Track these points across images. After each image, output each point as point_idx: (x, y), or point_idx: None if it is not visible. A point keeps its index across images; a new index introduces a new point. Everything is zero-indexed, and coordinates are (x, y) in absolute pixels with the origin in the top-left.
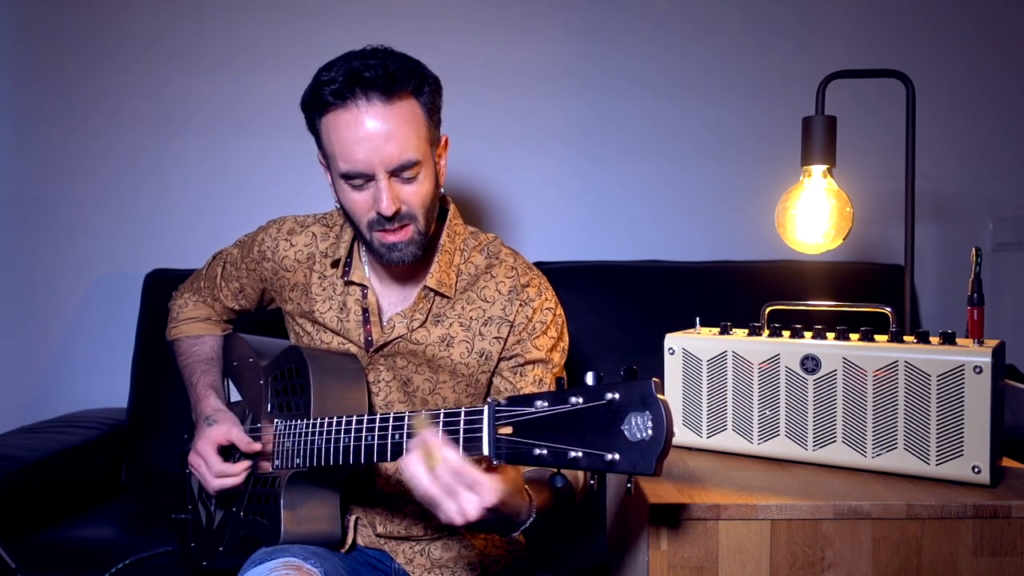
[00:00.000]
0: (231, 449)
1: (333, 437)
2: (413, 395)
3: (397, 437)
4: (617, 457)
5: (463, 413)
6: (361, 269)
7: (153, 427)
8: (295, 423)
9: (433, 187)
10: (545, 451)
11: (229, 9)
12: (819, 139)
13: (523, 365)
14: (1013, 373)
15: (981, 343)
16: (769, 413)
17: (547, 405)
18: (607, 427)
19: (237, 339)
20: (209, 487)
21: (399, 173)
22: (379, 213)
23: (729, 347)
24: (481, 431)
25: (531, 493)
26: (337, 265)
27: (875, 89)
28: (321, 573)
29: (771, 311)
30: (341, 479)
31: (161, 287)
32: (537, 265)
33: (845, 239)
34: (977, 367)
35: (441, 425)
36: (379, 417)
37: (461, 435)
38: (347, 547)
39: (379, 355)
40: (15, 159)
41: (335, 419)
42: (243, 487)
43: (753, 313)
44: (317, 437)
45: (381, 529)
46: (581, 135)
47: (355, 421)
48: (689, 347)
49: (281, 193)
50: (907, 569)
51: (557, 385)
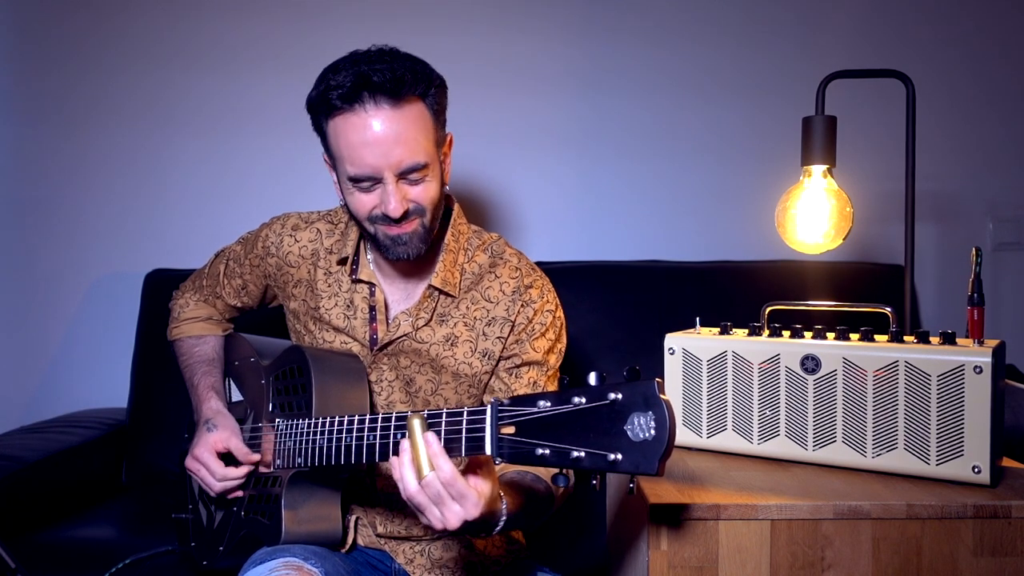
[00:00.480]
0: (230, 454)
1: (334, 437)
2: (415, 395)
3: (398, 437)
4: (619, 457)
5: (466, 412)
6: (368, 267)
7: (153, 427)
8: (297, 423)
9: (440, 186)
10: (548, 451)
11: (229, 9)
12: (819, 139)
13: (519, 367)
14: (1013, 373)
15: (981, 343)
16: (769, 413)
17: (550, 405)
18: (610, 427)
19: (238, 339)
20: (211, 491)
21: (407, 175)
22: (386, 215)
23: (729, 347)
24: (484, 431)
25: (505, 497)
26: (344, 263)
27: (875, 89)
28: (321, 573)
29: (771, 311)
30: (342, 479)
31: (161, 287)
32: (538, 265)
33: (845, 239)
34: (977, 367)
35: (444, 425)
36: (380, 417)
37: (464, 434)
38: (347, 547)
39: (383, 354)
40: (15, 159)
41: (336, 419)
42: (244, 487)
43: (753, 313)
44: (318, 437)
45: (381, 529)
46: (581, 135)
47: (356, 421)
48: (689, 347)
49: (281, 193)
50: (907, 569)
51: (560, 385)
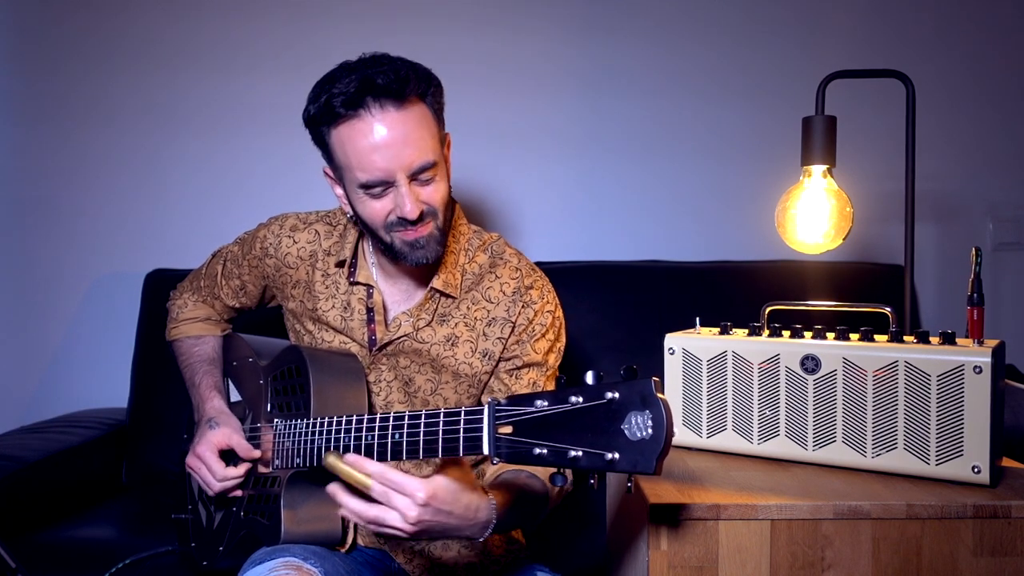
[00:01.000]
0: (231, 452)
1: (333, 437)
2: (414, 396)
3: (397, 437)
4: (617, 456)
5: (463, 412)
6: (367, 269)
7: (153, 427)
8: (295, 423)
9: (448, 186)
10: (545, 450)
11: (229, 9)
12: (819, 139)
13: (519, 368)
14: (1013, 373)
15: (981, 343)
16: (769, 413)
17: (547, 404)
18: (607, 426)
19: (237, 339)
20: (211, 489)
21: (418, 176)
22: (402, 217)
23: (729, 347)
24: (481, 430)
25: (491, 492)
26: (342, 265)
27: (875, 89)
28: (321, 573)
29: (771, 311)
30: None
31: (161, 287)
32: (537, 265)
33: (845, 239)
34: (977, 367)
35: (441, 424)
36: (379, 417)
37: (461, 434)
38: (347, 547)
39: (382, 354)
40: (15, 159)
41: (335, 419)
42: (243, 487)
43: (753, 313)
44: (317, 437)
45: None
46: (581, 135)
47: (355, 421)
48: (689, 347)
49: (281, 193)
50: (907, 569)
51: (557, 384)
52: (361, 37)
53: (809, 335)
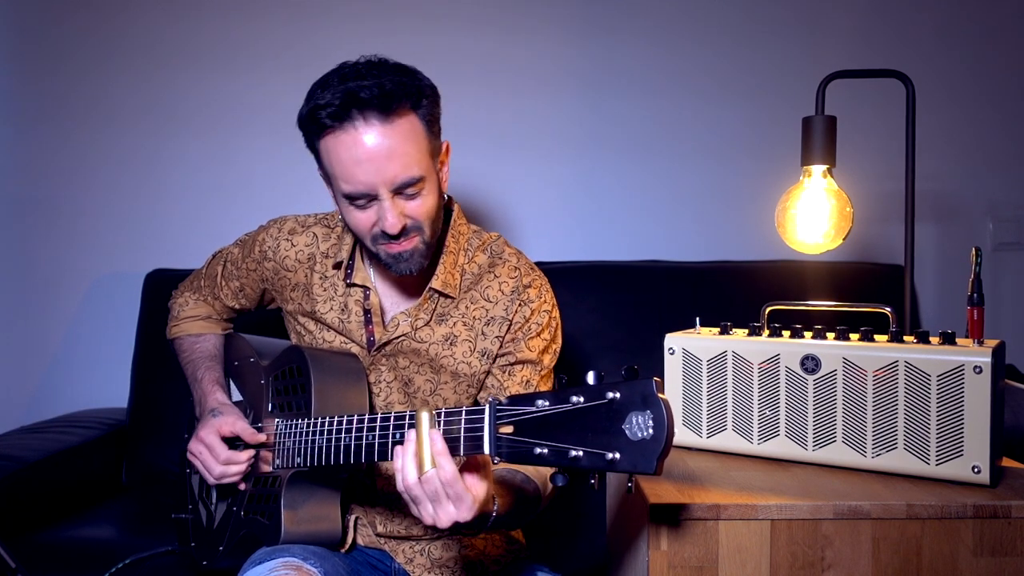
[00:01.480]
0: (234, 442)
1: (334, 437)
2: (414, 396)
3: (398, 437)
4: (618, 456)
5: (464, 412)
6: (364, 271)
7: (153, 427)
8: (296, 423)
9: (437, 199)
10: (546, 450)
11: (229, 9)
12: (819, 139)
13: (513, 364)
14: (1013, 373)
15: (981, 343)
16: (769, 413)
17: (548, 404)
18: (608, 426)
19: (238, 339)
20: (211, 475)
21: (402, 190)
22: (384, 231)
23: (729, 347)
24: (482, 430)
25: (497, 499)
26: (340, 267)
27: (875, 89)
28: (321, 573)
29: (771, 311)
30: (342, 479)
31: (161, 287)
32: (537, 265)
33: (845, 239)
34: (977, 367)
35: (442, 425)
36: (380, 417)
37: (462, 434)
38: (347, 547)
39: (381, 354)
40: (15, 159)
41: (336, 419)
42: (245, 479)
43: (753, 313)
44: (318, 437)
45: (381, 529)
46: (581, 135)
47: (356, 421)
48: (689, 347)
49: (281, 193)
50: (907, 569)
51: (559, 384)
52: (361, 37)
53: (809, 335)
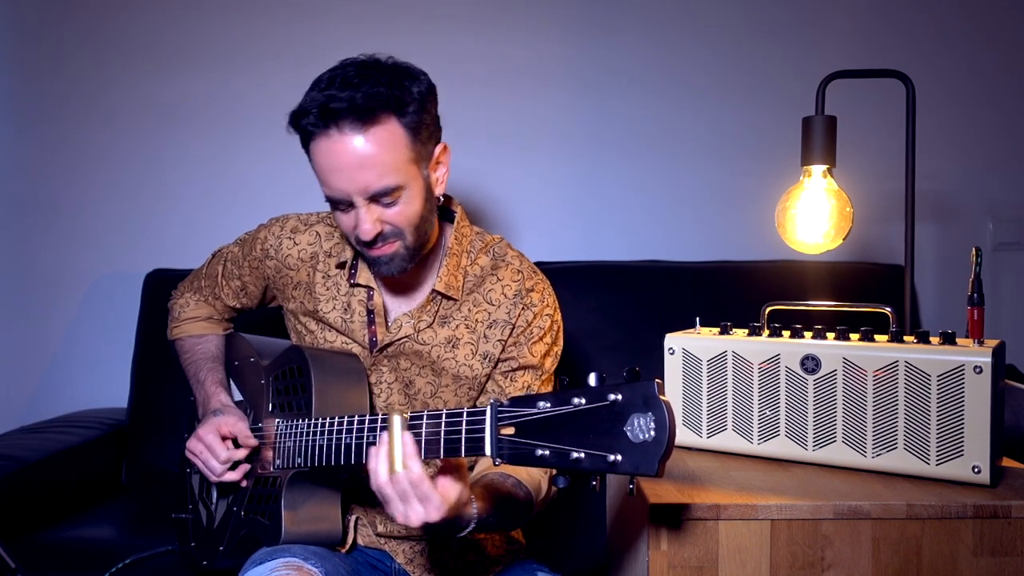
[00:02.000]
0: (234, 442)
1: (334, 437)
2: (414, 398)
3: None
4: (619, 458)
5: (465, 413)
6: (367, 271)
7: (153, 427)
8: (296, 423)
9: (422, 205)
10: (547, 452)
11: (229, 9)
12: (819, 139)
13: (515, 370)
14: (1013, 373)
15: (981, 343)
16: (769, 413)
17: (549, 406)
18: (609, 428)
19: (238, 339)
20: (212, 473)
21: (378, 199)
22: (358, 238)
23: (729, 347)
24: (483, 431)
25: (476, 502)
26: (343, 267)
27: (875, 89)
28: (321, 573)
29: (771, 311)
30: (342, 479)
31: (161, 287)
32: (537, 265)
33: (845, 239)
34: (977, 367)
35: (443, 425)
36: (380, 417)
37: (463, 435)
38: (347, 547)
39: (383, 355)
40: (15, 159)
41: (336, 419)
42: (246, 476)
43: (753, 313)
44: (318, 437)
45: (381, 529)
46: (581, 135)
47: (356, 421)
48: (689, 347)
49: (281, 193)
50: (907, 569)
51: (560, 386)
52: (361, 37)
53: (809, 335)
